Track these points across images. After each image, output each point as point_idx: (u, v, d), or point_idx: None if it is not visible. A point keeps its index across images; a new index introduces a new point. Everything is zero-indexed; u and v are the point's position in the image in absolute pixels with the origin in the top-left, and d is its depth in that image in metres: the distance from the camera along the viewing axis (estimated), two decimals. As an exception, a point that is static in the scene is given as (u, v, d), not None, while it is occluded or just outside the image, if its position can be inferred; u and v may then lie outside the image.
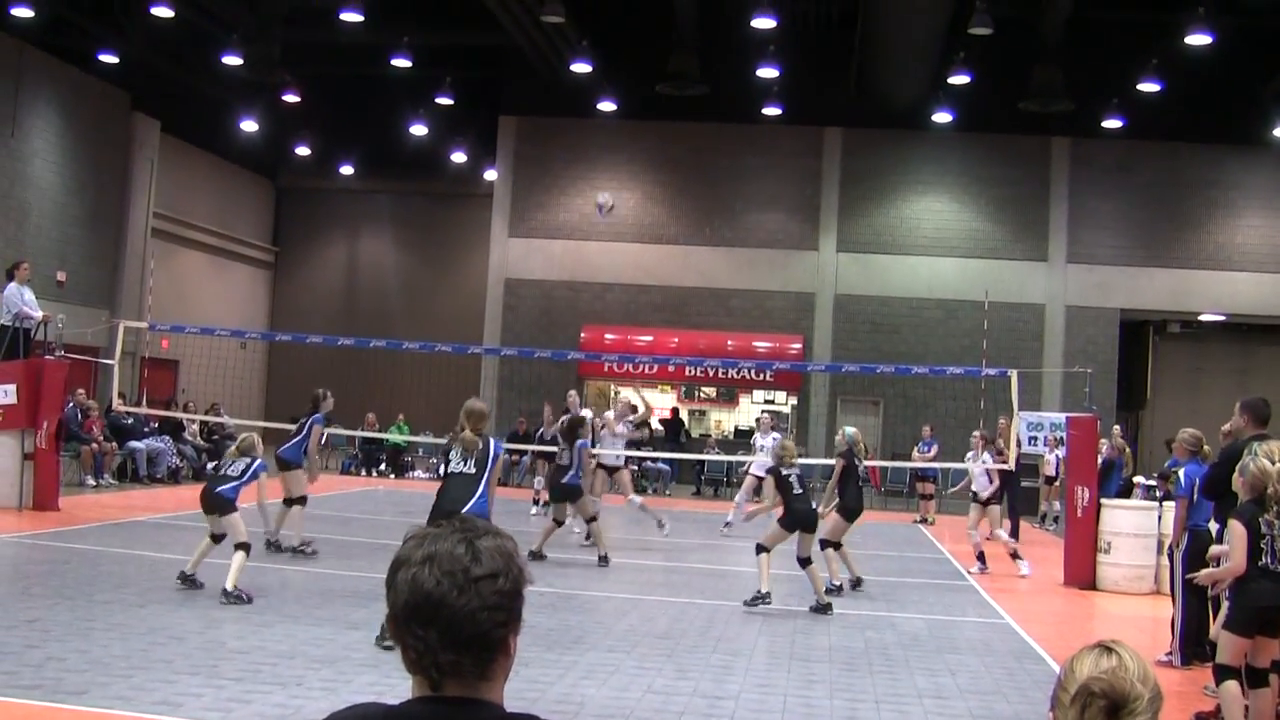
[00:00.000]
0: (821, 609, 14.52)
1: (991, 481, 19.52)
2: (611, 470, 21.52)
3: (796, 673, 11.28)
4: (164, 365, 38.03)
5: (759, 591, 14.60)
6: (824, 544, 15.95)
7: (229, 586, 13.01)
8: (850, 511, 16.41)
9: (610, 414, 22.11)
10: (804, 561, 14.75)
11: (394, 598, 2.47)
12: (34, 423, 20.18)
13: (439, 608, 2.40)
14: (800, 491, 14.82)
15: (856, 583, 16.77)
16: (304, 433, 17.81)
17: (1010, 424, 22.59)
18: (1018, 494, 25.39)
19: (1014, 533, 24.45)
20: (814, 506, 15.46)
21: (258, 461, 14.21)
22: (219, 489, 13.78)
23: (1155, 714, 2.59)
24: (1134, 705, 2.55)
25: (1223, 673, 9.05)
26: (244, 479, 14.00)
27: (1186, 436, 13.16)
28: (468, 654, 2.42)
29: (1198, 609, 12.03)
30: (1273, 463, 9.17)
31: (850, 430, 17.12)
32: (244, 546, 13.36)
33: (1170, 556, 12.88)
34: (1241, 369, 38.10)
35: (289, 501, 17.38)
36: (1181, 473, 12.53)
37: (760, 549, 14.85)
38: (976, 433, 21.51)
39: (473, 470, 11.36)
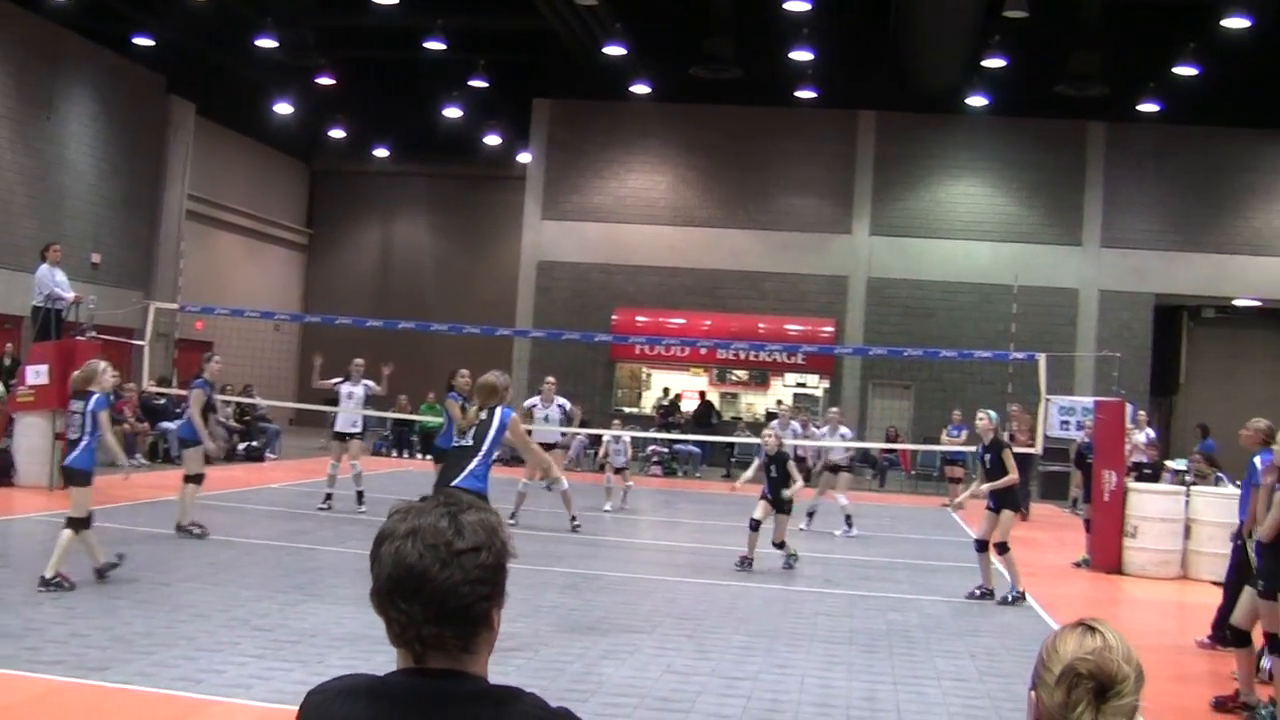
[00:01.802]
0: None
1: (846, 451, 22.43)
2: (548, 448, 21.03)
3: (817, 654, 11.29)
4: (198, 347, 38.20)
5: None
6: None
7: (47, 574, 11.86)
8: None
9: (536, 399, 21.75)
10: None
11: (378, 571, 2.48)
12: (65, 403, 20.27)
13: (422, 581, 2.40)
14: None
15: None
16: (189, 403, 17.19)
17: (1035, 409, 22.61)
18: (1034, 477, 25.59)
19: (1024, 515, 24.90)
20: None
21: (94, 398, 12.53)
22: (69, 459, 12.51)
23: (1139, 694, 2.58)
24: (1121, 687, 2.53)
25: None
26: (89, 437, 12.43)
27: (1262, 425, 12.78)
28: (450, 627, 2.42)
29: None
30: None
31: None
32: (75, 524, 12.11)
33: (1241, 543, 12.45)
34: (1278, 355, 37.87)
35: (192, 479, 16.66)
36: (1258, 460, 12.20)
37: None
38: (834, 410, 23.98)
39: (470, 443, 11.06)
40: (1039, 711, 2.60)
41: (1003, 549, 14.94)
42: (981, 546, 15.26)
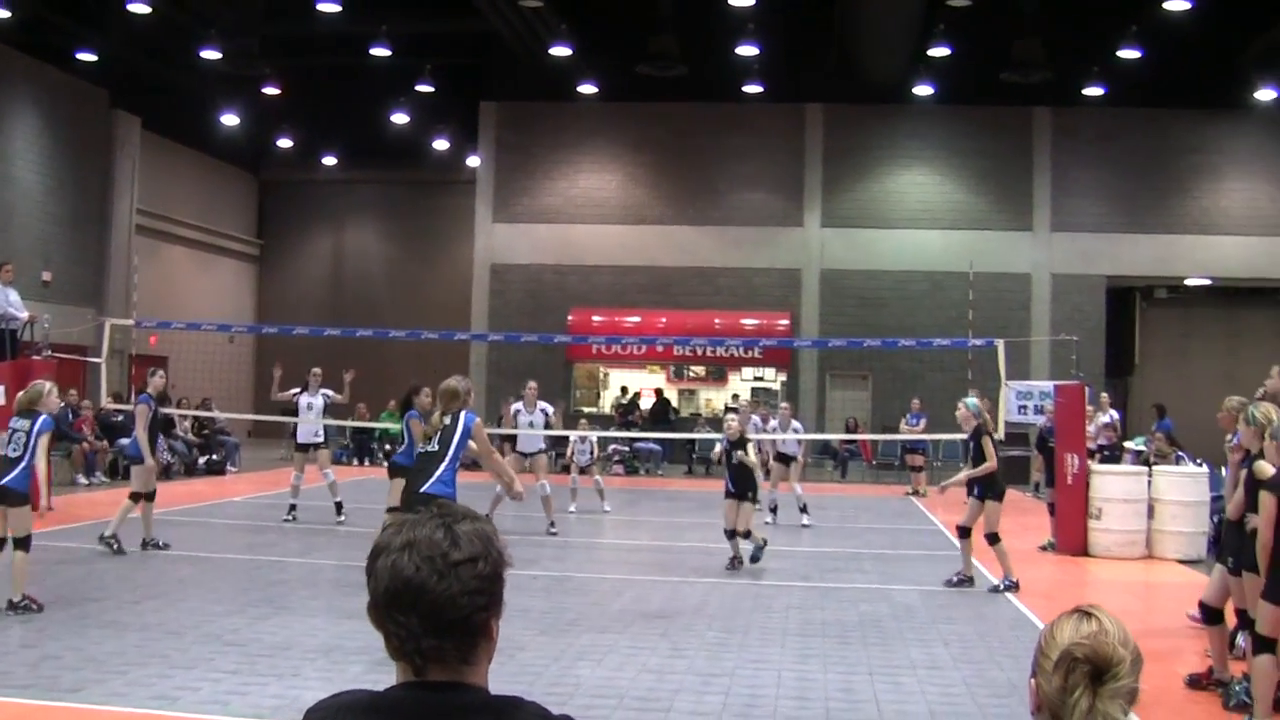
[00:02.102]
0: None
1: (799, 444, 22.39)
2: (528, 455, 20.78)
3: (791, 647, 11.32)
4: (153, 362, 37.90)
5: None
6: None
7: (14, 596, 11.75)
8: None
9: (519, 404, 21.54)
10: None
11: (374, 585, 2.47)
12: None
13: (420, 593, 2.39)
14: None
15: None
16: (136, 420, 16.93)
17: (995, 394, 22.72)
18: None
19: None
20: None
21: (40, 419, 12.21)
22: (8, 479, 12.00)
23: (1136, 676, 2.60)
24: (1117, 670, 2.56)
25: (1261, 644, 8.59)
26: (29, 456, 12.05)
27: (1234, 405, 12.65)
28: (450, 639, 2.42)
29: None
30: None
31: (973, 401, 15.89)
32: (21, 543, 11.91)
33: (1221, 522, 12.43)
34: (1229, 333, 38.20)
35: (133, 497, 16.43)
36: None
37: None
38: (784, 405, 23.99)
39: (436, 448, 11.02)
40: (1039, 698, 2.62)
41: (993, 540, 14.85)
42: (964, 533, 15.22)
